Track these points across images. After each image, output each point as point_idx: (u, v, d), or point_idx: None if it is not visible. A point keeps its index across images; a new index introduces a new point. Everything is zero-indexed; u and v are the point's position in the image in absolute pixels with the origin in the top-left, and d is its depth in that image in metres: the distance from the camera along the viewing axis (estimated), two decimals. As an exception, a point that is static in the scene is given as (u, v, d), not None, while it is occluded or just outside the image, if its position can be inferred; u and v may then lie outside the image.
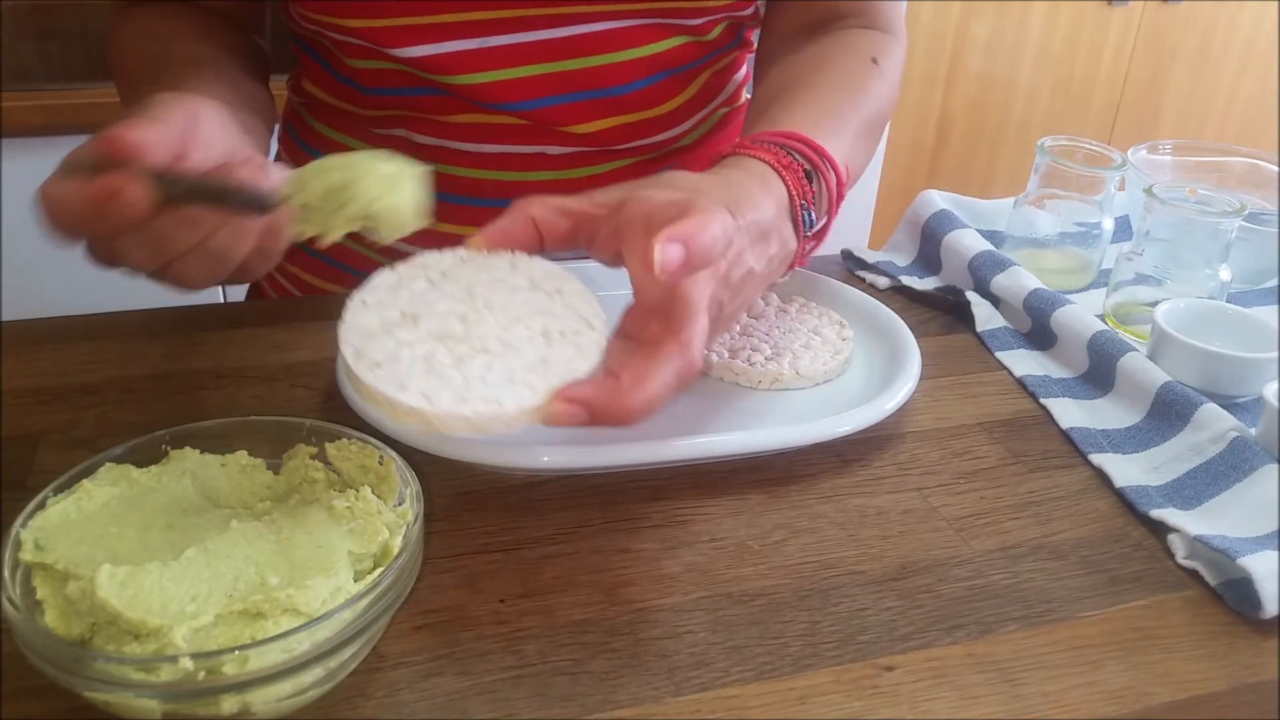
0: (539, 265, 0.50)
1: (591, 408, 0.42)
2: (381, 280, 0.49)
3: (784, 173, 0.54)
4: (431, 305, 0.47)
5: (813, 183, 0.56)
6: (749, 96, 0.82)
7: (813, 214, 0.56)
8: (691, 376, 0.44)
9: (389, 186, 0.47)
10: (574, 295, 0.49)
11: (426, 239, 0.74)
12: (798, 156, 0.55)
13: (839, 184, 0.58)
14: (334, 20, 0.65)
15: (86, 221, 0.44)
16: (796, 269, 0.59)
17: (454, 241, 0.77)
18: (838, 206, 0.58)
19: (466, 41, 0.65)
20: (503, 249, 0.50)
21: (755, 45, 0.79)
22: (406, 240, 0.75)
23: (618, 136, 0.72)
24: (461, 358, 0.45)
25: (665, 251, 0.42)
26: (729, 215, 0.46)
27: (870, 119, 0.65)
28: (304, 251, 0.79)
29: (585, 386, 0.43)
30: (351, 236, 0.81)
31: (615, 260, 0.49)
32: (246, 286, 0.90)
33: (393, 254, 0.75)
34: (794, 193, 0.54)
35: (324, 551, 0.41)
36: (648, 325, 0.46)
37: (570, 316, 0.48)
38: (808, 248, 0.57)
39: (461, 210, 0.72)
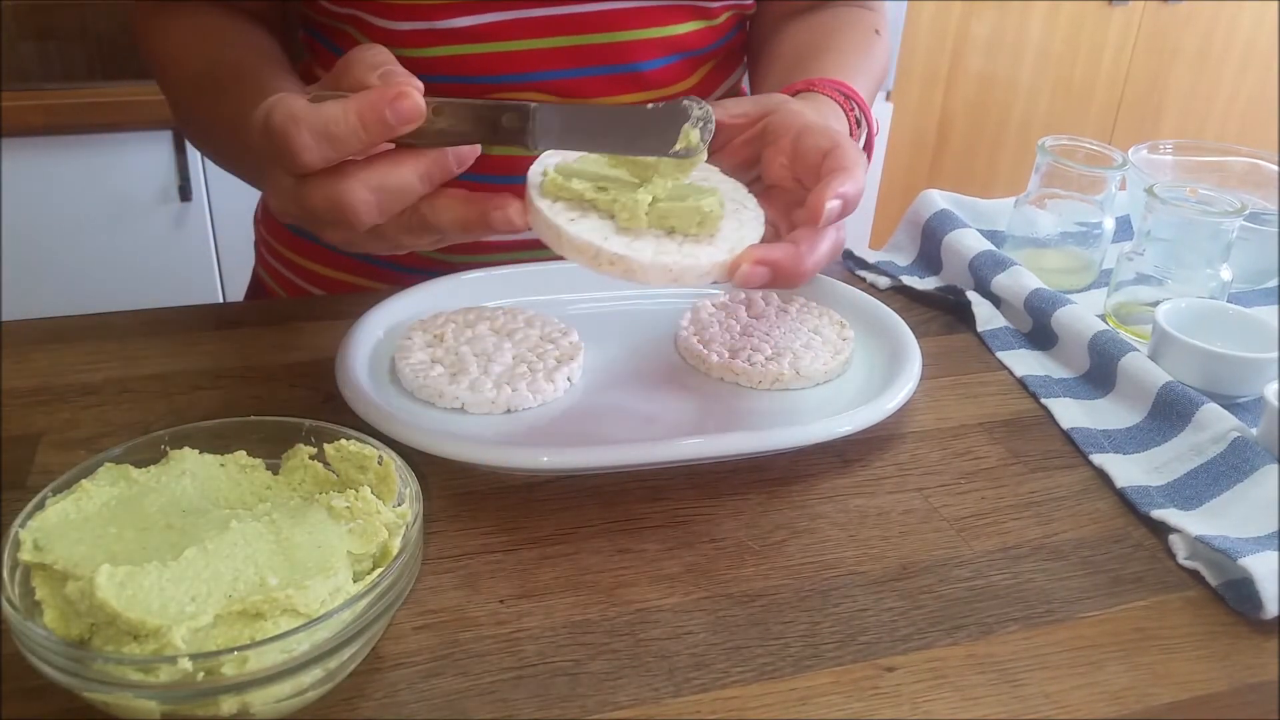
0: None
1: (776, 268, 0.49)
2: (550, 160, 0.52)
3: (848, 115, 0.61)
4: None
5: (859, 127, 0.63)
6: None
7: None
8: (839, 252, 0.53)
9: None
10: (720, 180, 0.54)
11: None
12: (851, 103, 0.63)
13: (869, 135, 0.64)
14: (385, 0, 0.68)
15: (360, 131, 0.45)
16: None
17: None
18: (870, 154, 0.65)
19: (503, 13, 0.69)
20: None
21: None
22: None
23: None
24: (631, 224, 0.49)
25: (831, 206, 0.49)
26: (863, 162, 0.52)
27: (877, 83, 0.73)
28: (312, 243, 0.80)
29: (772, 250, 0.49)
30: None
31: (744, 164, 0.56)
32: (248, 284, 0.90)
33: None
34: (853, 131, 0.62)
35: (323, 552, 0.41)
36: (792, 212, 0.53)
37: (726, 197, 0.52)
38: None
39: (478, 188, 0.73)
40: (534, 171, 0.51)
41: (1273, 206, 0.84)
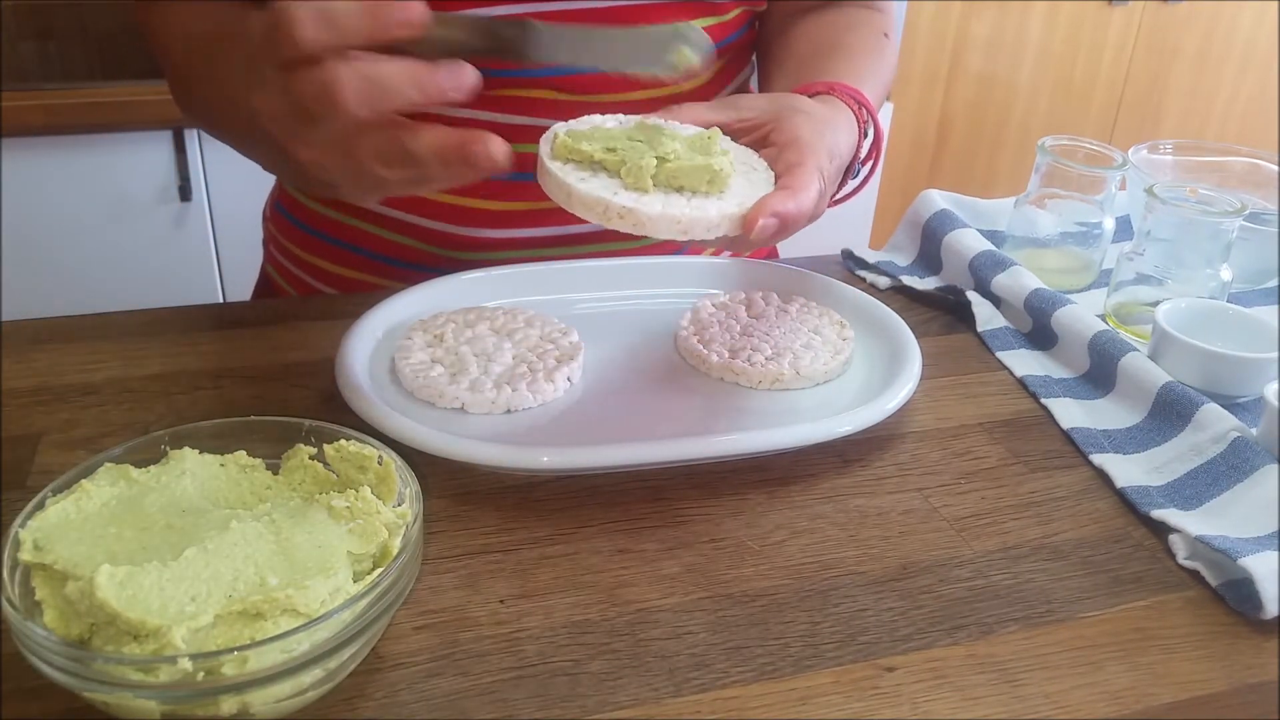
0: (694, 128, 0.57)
1: (785, 219, 0.51)
2: (562, 127, 0.54)
3: (860, 125, 0.63)
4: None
5: (865, 137, 0.65)
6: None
7: (861, 167, 0.66)
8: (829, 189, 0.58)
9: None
10: (731, 146, 0.56)
11: (458, 215, 0.74)
12: (864, 111, 0.64)
13: (876, 141, 0.66)
14: None
15: (361, 17, 0.45)
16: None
17: (488, 218, 0.78)
18: (877, 163, 0.67)
19: (515, 6, 0.69)
20: None
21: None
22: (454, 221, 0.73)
23: (646, 110, 0.75)
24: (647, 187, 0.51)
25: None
26: (819, 183, 0.55)
27: (886, 87, 0.74)
28: (321, 239, 0.80)
29: (779, 200, 0.52)
30: (369, 218, 0.81)
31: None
32: (256, 281, 0.90)
33: (418, 233, 0.75)
34: (859, 143, 0.64)
35: (323, 552, 0.41)
36: None
37: (737, 161, 0.54)
38: (840, 193, 0.65)
39: (490, 184, 0.73)
40: (546, 136, 0.52)
41: (1273, 206, 0.84)
